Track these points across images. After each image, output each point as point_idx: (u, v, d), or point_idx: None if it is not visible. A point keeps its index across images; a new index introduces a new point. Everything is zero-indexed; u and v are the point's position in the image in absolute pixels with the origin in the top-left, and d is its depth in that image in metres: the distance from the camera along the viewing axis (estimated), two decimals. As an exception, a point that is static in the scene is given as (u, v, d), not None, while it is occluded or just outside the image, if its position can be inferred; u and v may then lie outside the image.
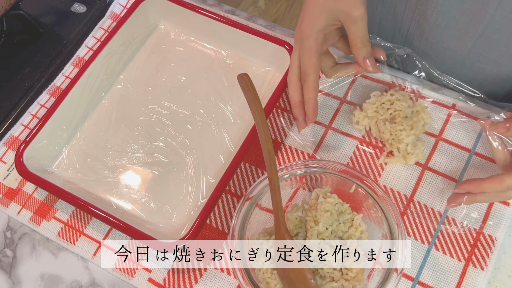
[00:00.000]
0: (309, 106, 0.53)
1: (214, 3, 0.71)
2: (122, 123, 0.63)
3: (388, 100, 0.57)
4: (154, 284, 0.55)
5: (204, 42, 0.68)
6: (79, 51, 0.70)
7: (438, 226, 0.54)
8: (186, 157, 0.60)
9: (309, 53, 0.51)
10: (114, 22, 0.72)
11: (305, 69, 0.52)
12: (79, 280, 0.57)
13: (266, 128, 0.48)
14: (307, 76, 0.52)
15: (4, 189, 0.62)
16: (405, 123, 0.55)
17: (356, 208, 0.53)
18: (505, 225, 0.53)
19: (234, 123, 0.62)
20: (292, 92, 0.53)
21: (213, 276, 0.55)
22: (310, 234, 0.50)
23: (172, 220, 0.57)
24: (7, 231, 0.60)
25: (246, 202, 0.51)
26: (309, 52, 0.51)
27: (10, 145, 0.64)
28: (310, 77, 0.51)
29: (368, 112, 0.57)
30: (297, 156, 0.60)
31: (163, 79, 0.66)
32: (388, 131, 0.56)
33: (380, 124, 0.57)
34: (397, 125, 0.55)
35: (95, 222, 0.59)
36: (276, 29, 0.68)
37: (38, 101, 0.67)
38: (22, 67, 0.70)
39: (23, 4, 0.76)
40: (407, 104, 0.57)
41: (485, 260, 0.52)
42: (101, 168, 0.61)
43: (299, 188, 0.57)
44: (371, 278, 0.50)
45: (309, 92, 0.52)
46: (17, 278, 0.58)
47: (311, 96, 0.52)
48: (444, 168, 0.57)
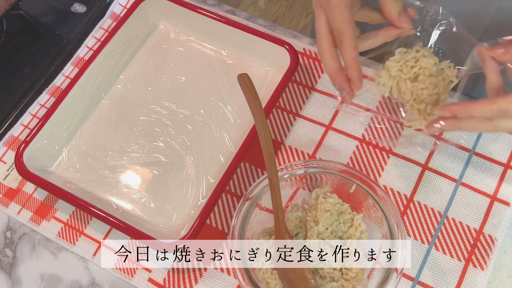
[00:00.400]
0: (353, 69, 0.45)
1: (214, 3, 0.71)
2: (122, 123, 0.63)
3: (413, 57, 0.51)
4: (154, 284, 0.55)
5: (204, 42, 0.68)
6: (79, 51, 0.70)
7: (438, 226, 0.54)
8: (186, 157, 0.60)
9: (339, 8, 0.44)
10: (114, 22, 0.72)
11: (339, 27, 0.44)
12: (79, 280, 0.57)
13: (266, 128, 0.48)
14: (342, 35, 0.44)
15: (4, 189, 0.62)
16: (428, 81, 0.50)
17: (356, 208, 0.53)
18: (505, 225, 0.53)
19: (234, 123, 0.62)
20: (327, 59, 0.46)
21: (213, 276, 0.55)
22: (310, 234, 0.50)
23: (172, 220, 0.57)
24: (7, 231, 0.60)
25: (246, 202, 0.51)
26: (340, 7, 0.44)
27: (10, 145, 0.64)
28: (346, 34, 0.44)
29: (392, 71, 0.52)
30: (297, 156, 0.60)
31: (163, 79, 0.66)
32: (409, 90, 0.51)
33: (402, 83, 0.51)
34: (419, 84, 0.50)
35: (95, 222, 0.59)
36: (276, 29, 0.68)
37: (38, 101, 0.67)
38: (22, 67, 0.70)
39: (23, 4, 0.76)
40: (433, 61, 0.51)
41: (485, 260, 0.52)
42: (101, 168, 0.61)
43: (299, 188, 0.57)
44: (371, 278, 0.50)
45: (348, 52, 0.44)
46: (17, 278, 0.58)
47: (352, 57, 0.44)
48: (444, 168, 0.57)
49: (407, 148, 0.57)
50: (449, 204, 0.55)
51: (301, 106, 0.62)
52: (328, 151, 0.59)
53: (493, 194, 0.55)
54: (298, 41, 0.66)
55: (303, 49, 0.66)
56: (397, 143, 0.57)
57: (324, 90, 0.63)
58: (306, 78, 0.64)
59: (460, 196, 0.55)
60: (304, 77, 0.64)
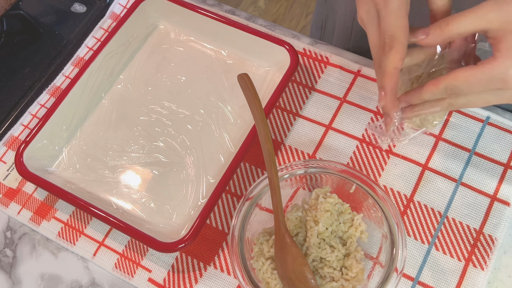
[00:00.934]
0: (391, 79, 0.41)
1: (214, 3, 0.71)
2: (122, 123, 0.63)
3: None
4: (154, 284, 0.55)
5: (204, 42, 0.68)
6: (79, 51, 0.70)
7: (438, 226, 0.54)
8: (186, 157, 0.60)
9: (399, 13, 0.40)
10: (114, 22, 0.72)
11: (394, 32, 0.40)
12: (79, 280, 0.57)
13: (266, 128, 0.48)
14: (395, 41, 0.40)
15: (4, 189, 0.62)
16: (426, 80, 0.46)
17: (356, 208, 0.53)
18: (505, 225, 0.53)
19: (234, 123, 0.62)
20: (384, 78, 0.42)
21: (213, 276, 0.55)
22: (310, 234, 0.50)
23: (172, 220, 0.57)
24: (7, 231, 0.60)
25: (246, 202, 0.51)
26: (399, 12, 0.40)
27: (10, 145, 0.64)
28: (399, 41, 0.40)
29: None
30: (297, 156, 0.60)
31: (163, 79, 0.66)
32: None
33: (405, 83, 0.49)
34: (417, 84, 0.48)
35: (95, 222, 0.59)
36: (276, 29, 0.68)
37: (38, 101, 0.67)
38: (22, 67, 0.70)
39: (23, 4, 0.76)
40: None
41: (485, 260, 0.52)
42: (101, 168, 0.61)
43: (299, 188, 0.57)
44: (371, 278, 0.50)
45: (395, 61, 0.41)
46: (17, 278, 0.58)
47: (396, 66, 0.41)
48: (444, 168, 0.57)
49: (383, 141, 0.54)
50: (449, 204, 0.55)
51: (301, 106, 0.62)
52: (328, 151, 0.59)
53: (493, 194, 0.55)
54: (298, 41, 0.66)
55: (303, 49, 0.66)
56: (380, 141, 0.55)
57: (324, 90, 0.63)
58: (306, 78, 0.64)
59: (460, 196, 0.55)
60: (304, 77, 0.64)
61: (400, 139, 0.53)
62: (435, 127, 0.54)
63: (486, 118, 0.58)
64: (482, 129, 0.58)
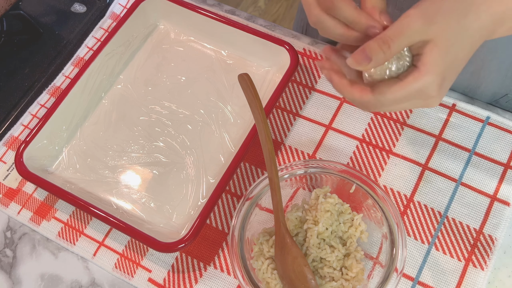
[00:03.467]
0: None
1: (214, 3, 0.71)
2: (122, 123, 0.63)
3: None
4: (154, 284, 0.55)
5: (204, 42, 0.68)
6: (79, 51, 0.70)
7: (438, 226, 0.54)
8: (186, 157, 0.60)
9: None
10: (114, 22, 0.72)
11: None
12: (79, 280, 0.57)
13: (266, 128, 0.48)
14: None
15: (4, 189, 0.62)
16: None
17: (356, 208, 0.53)
18: (505, 225, 0.53)
19: (234, 123, 0.62)
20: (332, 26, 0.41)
21: (213, 276, 0.55)
22: (310, 234, 0.50)
23: (172, 220, 0.57)
24: (7, 231, 0.60)
25: (246, 202, 0.51)
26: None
27: (10, 145, 0.64)
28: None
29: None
30: (297, 156, 0.60)
31: (163, 79, 0.66)
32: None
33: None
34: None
35: (95, 222, 0.59)
36: (276, 29, 0.68)
37: (38, 101, 0.67)
38: (22, 67, 0.70)
39: (23, 4, 0.76)
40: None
41: (485, 260, 0.52)
42: (101, 168, 0.61)
43: (299, 188, 0.57)
44: (371, 278, 0.50)
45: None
46: (17, 278, 0.58)
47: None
48: (444, 168, 0.57)
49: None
50: (449, 204, 0.55)
51: (301, 106, 0.62)
52: (328, 151, 0.59)
53: (493, 194, 0.55)
54: (298, 41, 0.66)
55: (303, 49, 0.66)
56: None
57: (324, 90, 0.63)
58: (306, 78, 0.64)
59: (460, 196, 0.55)
60: (304, 77, 0.64)
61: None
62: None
63: (486, 118, 0.58)
64: (482, 129, 0.58)
